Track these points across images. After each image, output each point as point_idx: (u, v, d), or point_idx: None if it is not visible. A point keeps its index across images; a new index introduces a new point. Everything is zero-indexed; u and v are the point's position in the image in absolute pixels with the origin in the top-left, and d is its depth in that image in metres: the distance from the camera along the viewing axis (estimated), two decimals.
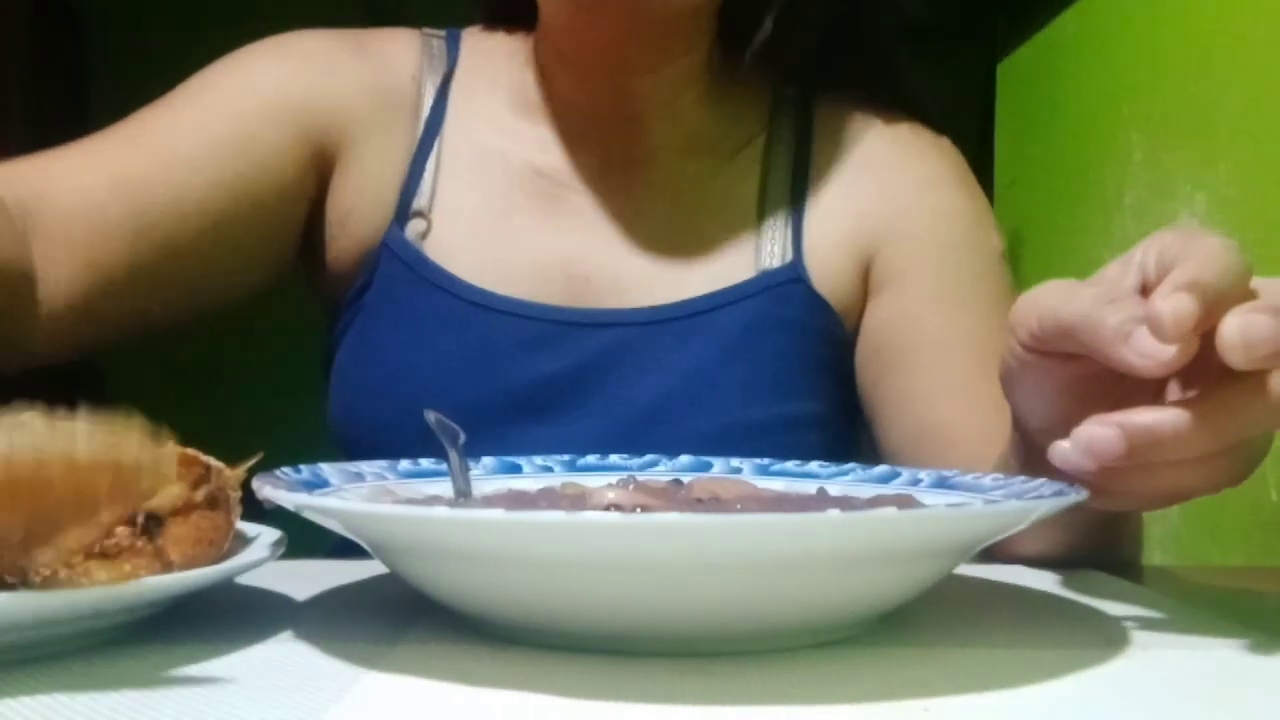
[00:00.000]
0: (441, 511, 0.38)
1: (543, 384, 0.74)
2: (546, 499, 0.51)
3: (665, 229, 0.75)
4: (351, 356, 0.78)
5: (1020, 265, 0.80)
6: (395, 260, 0.77)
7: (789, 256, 0.77)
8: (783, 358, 0.75)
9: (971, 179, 0.82)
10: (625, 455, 0.61)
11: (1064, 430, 0.43)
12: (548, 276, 0.76)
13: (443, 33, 0.86)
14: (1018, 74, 1.63)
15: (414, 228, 0.77)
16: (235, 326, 1.06)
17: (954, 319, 0.74)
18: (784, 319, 0.75)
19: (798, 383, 0.75)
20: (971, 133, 1.86)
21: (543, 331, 0.75)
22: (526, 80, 0.81)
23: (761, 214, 0.78)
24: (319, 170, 0.78)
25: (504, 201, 0.78)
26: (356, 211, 0.78)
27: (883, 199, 0.79)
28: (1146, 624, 0.45)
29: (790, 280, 0.76)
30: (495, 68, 0.83)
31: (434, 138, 0.81)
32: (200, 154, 0.72)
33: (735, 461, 0.60)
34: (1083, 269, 1.50)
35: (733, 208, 0.78)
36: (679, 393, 0.73)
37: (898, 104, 0.83)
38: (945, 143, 0.83)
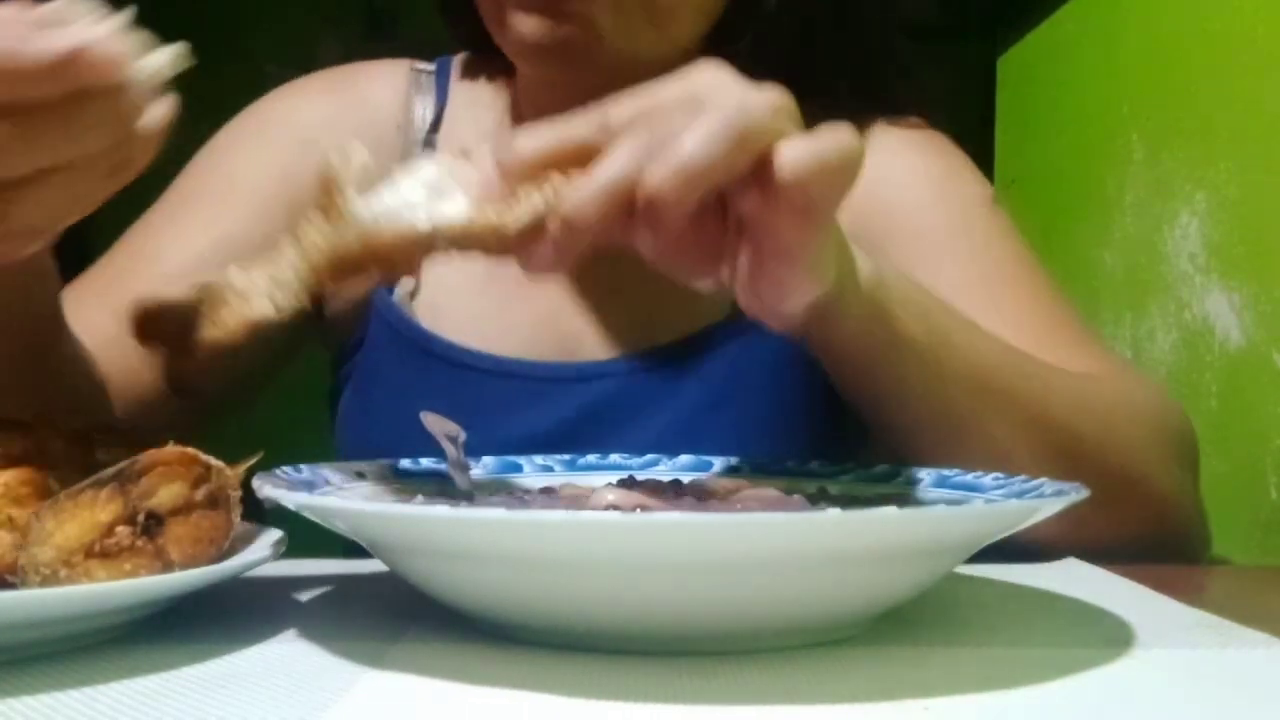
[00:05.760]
0: (441, 511, 0.38)
1: (531, 443, 0.73)
2: (546, 499, 0.51)
3: (650, 274, 0.73)
4: (350, 415, 0.79)
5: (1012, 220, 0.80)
6: (383, 323, 0.76)
7: None
8: (771, 395, 0.74)
9: (944, 142, 0.80)
10: (625, 455, 0.61)
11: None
12: (537, 333, 0.75)
13: (433, 66, 0.84)
14: (1018, 69, 1.63)
15: (402, 285, 0.76)
16: None
17: (940, 275, 0.71)
18: (767, 355, 0.73)
19: (789, 419, 0.74)
20: (972, 132, 1.86)
21: (529, 389, 0.74)
22: (509, 129, 0.79)
23: None
24: None
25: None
26: None
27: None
28: (1146, 624, 0.45)
29: None
30: (480, 114, 0.81)
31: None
32: (196, 262, 0.72)
33: (735, 461, 0.60)
34: (1083, 269, 1.51)
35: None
36: (668, 443, 0.72)
37: (879, 104, 0.81)
38: (915, 122, 0.81)
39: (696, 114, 0.44)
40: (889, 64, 0.81)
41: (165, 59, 0.42)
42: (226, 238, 0.74)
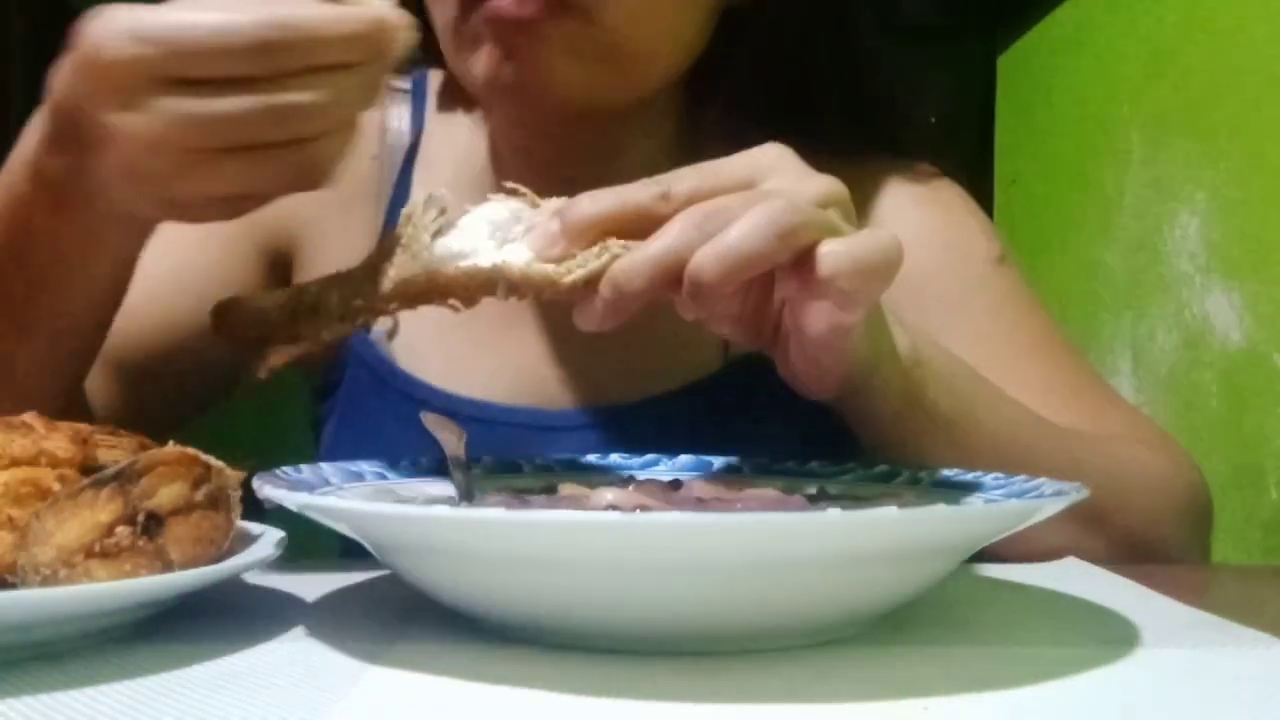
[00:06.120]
0: (441, 511, 0.38)
1: None
2: (546, 499, 0.51)
3: (640, 324, 0.63)
4: (333, 456, 0.77)
5: (1020, 265, 0.78)
6: (363, 365, 0.75)
7: None
8: (758, 449, 0.71)
9: (952, 195, 0.78)
10: (625, 455, 0.61)
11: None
12: (519, 378, 0.74)
13: (408, 84, 0.81)
14: (1018, 68, 1.63)
15: (380, 324, 0.74)
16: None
17: (952, 344, 0.67)
18: (759, 411, 0.71)
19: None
20: (972, 131, 1.86)
21: (514, 437, 0.72)
22: (488, 164, 0.76)
23: None
24: (278, 273, 0.77)
25: None
26: None
27: None
28: (1146, 624, 0.45)
29: (760, 369, 0.68)
30: (456, 146, 0.78)
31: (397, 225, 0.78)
32: (159, 287, 0.72)
33: (735, 461, 0.60)
34: (1082, 268, 1.51)
35: None
36: None
37: (872, 138, 0.77)
38: (918, 168, 0.78)
39: (749, 203, 0.46)
40: (888, 104, 0.78)
41: (408, 39, 0.49)
42: (182, 262, 0.73)
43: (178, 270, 0.73)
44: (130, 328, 0.70)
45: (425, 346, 0.74)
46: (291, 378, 0.82)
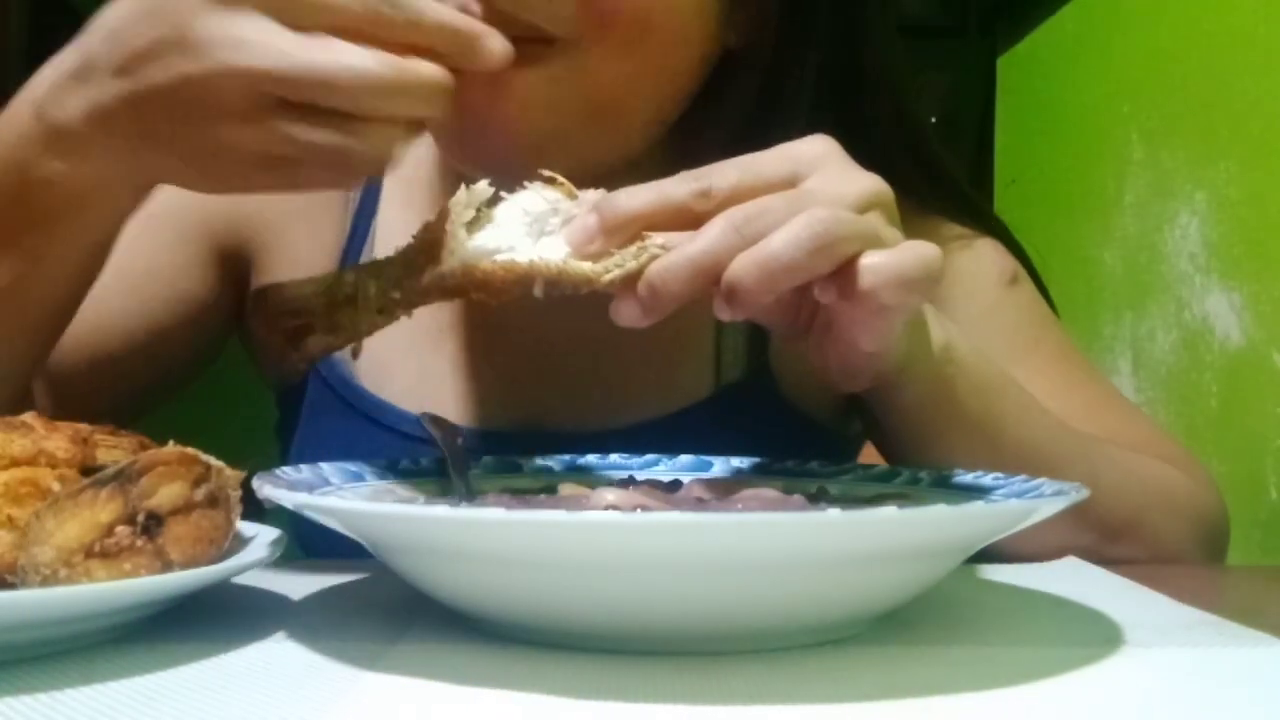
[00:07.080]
0: (441, 511, 0.38)
1: None
2: (547, 499, 0.51)
3: (617, 342, 0.62)
4: None
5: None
6: (323, 385, 0.73)
7: (753, 364, 0.71)
8: None
9: (954, 225, 0.73)
10: (625, 455, 0.61)
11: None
12: (492, 401, 0.71)
13: None
14: (1018, 69, 1.63)
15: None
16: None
17: None
18: (747, 437, 0.66)
19: None
20: (972, 132, 1.86)
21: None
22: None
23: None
24: (233, 277, 0.76)
25: (441, 313, 0.71)
26: None
27: None
28: (1146, 624, 0.45)
29: (753, 394, 0.71)
30: (434, 151, 0.73)
31: (366, 232, 0.74)
32: (111, 284, 0.67)
33: (735, 461, 0.60)
34: (1083, 268, 1.51)
35: (689, 314, 0.56)
36: None
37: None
38: (958, 233, 0.73)
39: (792, 207, 0.45)
40: (922, 157, 0.72)
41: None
42: (129, 259, 0.69)
43: (122, 267, 0.68)
44: (87, 322, 0.67)
45: (393, 367, 0.72)
46: (258, 379, 0.82)
